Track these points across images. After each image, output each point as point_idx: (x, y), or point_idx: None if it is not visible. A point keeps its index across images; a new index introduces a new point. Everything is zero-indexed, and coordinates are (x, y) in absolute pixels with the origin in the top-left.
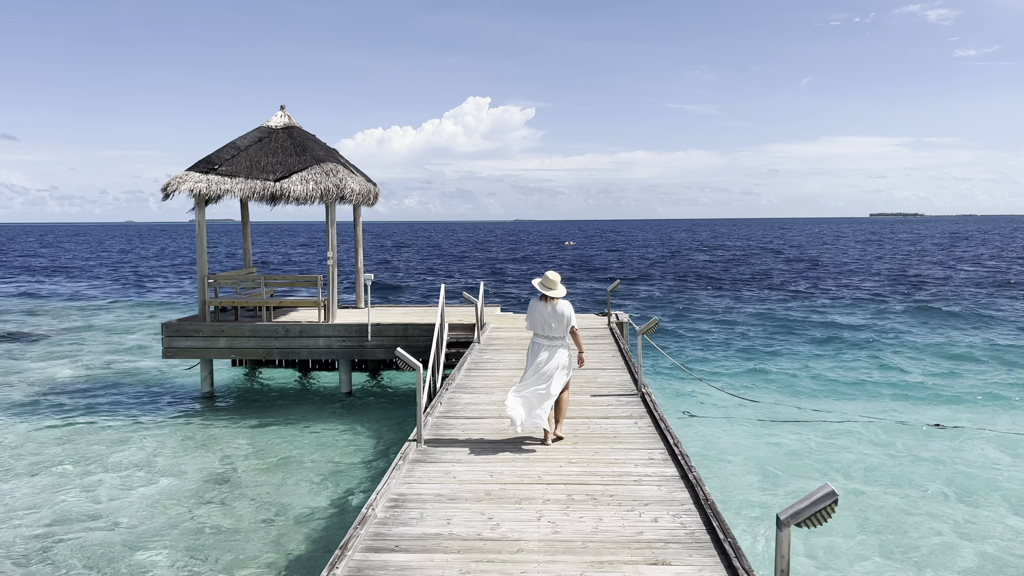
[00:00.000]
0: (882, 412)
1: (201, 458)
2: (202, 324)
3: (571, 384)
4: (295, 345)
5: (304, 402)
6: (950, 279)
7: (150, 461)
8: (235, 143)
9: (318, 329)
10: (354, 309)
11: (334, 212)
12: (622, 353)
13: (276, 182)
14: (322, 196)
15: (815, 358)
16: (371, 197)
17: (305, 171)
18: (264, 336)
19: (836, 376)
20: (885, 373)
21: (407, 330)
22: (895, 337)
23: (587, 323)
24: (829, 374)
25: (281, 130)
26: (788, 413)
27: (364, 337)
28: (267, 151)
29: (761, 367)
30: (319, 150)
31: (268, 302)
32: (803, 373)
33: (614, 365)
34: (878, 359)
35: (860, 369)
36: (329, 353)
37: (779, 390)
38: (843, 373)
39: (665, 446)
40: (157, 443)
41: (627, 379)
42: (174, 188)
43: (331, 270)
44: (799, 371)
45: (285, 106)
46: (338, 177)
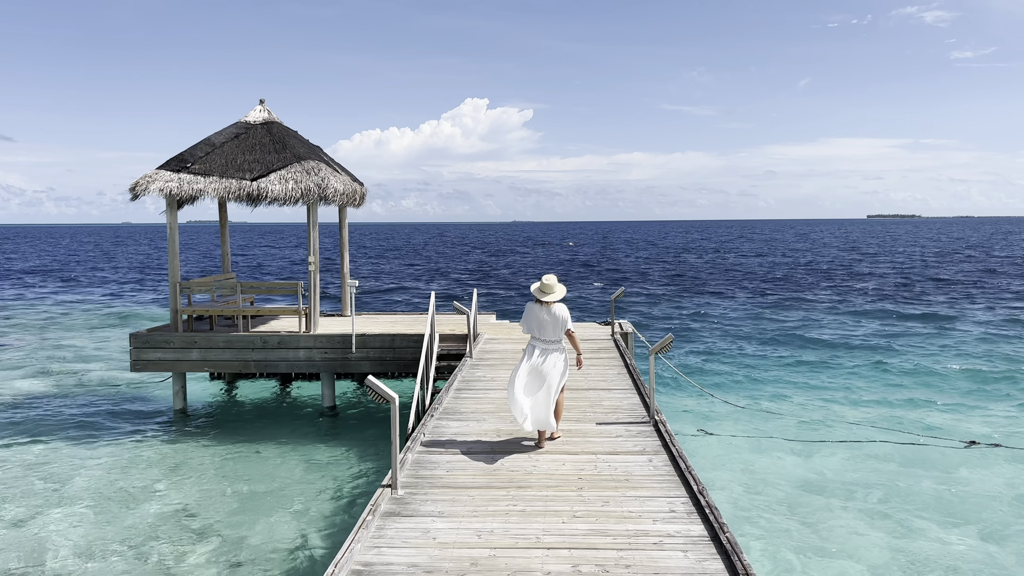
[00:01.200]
0: (909, 426)
1: (161, 488)
2: (173, 335)
3: (575, 408)
4: (273, 357)
5: (284, 419)
6: (981, 283)
7: (105, 490)
8: (210, 139)
9: (298, 340)
10: (340, 317)
11: (316, 214)
12: (629, 370)
13: (253, 181)
14: (303, 196)
15: (831, 368)
16: (357, 198)
17: (284, 169)
18: (240, 347)
19: (854, 386)
20: (907, 383)
21: (394, 341)
22: (915, 344)
23: (588, 333)
24: (847, 384)
25: (259, 126)
26: (808, 431)
27: (348, 349)
28: (244, 148)
29: (770, 377)
30: (300, 147)
31: (244, 311)
32: (820, 384)
33: (620, 384)
34: (898, 367)
35: (880, 379)
36: (310, 366)
37: (793, 403)
38: (862, 383)
39: (688, 493)
40: (116, 469)
41: (636, 402)
42: (142, 188)
43: (312, 276)
44: (815, 382)
45: (265, 100)
46: (320, 176)
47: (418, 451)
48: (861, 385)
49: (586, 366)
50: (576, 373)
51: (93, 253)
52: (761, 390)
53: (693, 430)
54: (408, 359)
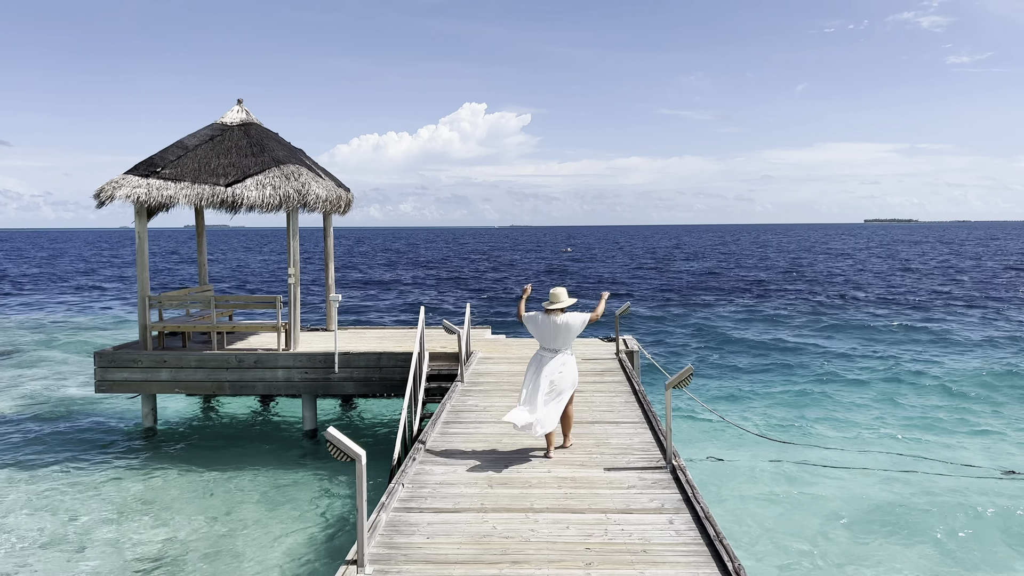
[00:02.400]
0: (938, 452)
1: (120, 522)
2: (141, 353)
3: (580, 447)
4: (249, 377)
5: (262, 442)
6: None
7: (55, 524)
8: (182, 142)
9: (276, 359)
10: (325, 332)
11: (296, 222)
12: (637, 397)
13: (228, 187)
14: (281, 203)
15: (845, 385)
16: (342, 204)
17: (262, 174)
18: (213, 367)
19: (874, 407)
20: (931, 403)
21: (380, 360)
22: (933, 359)
23: (590, 352)
24: (864, 404)
25: (236, 127)
26: (831, 456)
27: (330, 368)
28: (219, 151)
29: (778, 395)
30: (280, 150)
31: (219, 326)
32: (836, 402)
33: (629, 416)
34: (919, 385)
35: (900, 399)
36: (289, 387)
37: (807, 424)
38: (882, 405)
39: (720, 570)
40: (72, 499)
41: (648, 439)
42: (108, 194)
43: (293, 289)
44: (830, 401)
45: (242, 100)
46: (300, 181)
47: (395, 508)
48: (881, 407)
49: (590, 392)
50: (580, 401)
51: (76, 259)
52: (770, 411)
53: (702, 455)
54: (396, 379)
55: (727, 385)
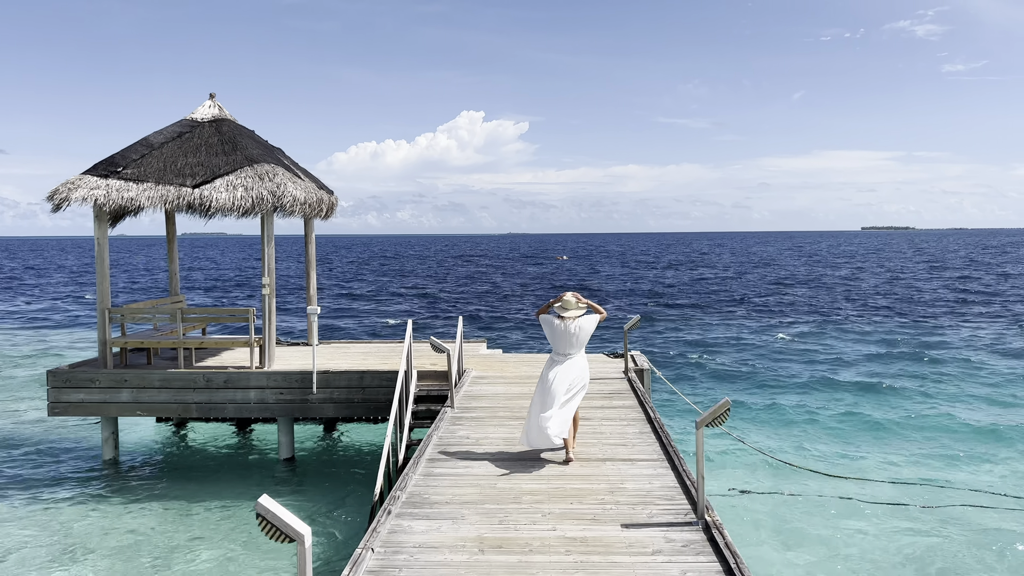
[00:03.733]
0: (974, 483)
1: (70, 563)
2: (99, 371)
3: (590, 494)
4: (219, 399)
5: (235, 471)
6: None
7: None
8: (148, 139)
9: (248, 378)
10: (306, 346)
11: (271, 227)
12: (653, 426)
13: (195, 188)
14: (254, 206)
15: (870, 402)
16: (324, 208)
17: (233, 174)
18: (179, 387)
19: (902, 428)
20: (963, 422)
21: (363, 379)
22: (966, 375)
23: (595, 370)
24: (890, 423)
25: (208, 124)
26: (866, 489)
27: (308, 388)
28: (187, 149)
29: (809, 415)
30: (253, 148)
31: (186, 342)
32: (861, 423)
33: (646, 451)
34: (947, 405)
35: (928, 420)
36: (263, 409)
37: (833, 450)
38: (909, 428)
39: None
40: (18, 537)
41: (671, 482)
42: (63, 196)
43: (267, 300)
44: (853, 419)
45: (215, 95)
46: (275, 182)
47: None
48: (909, 428)
49: (598, 420)
50: (588, 431)
51: (59, 267)
52: (788, 434)
53: (722, 486)
54: (381, 400)
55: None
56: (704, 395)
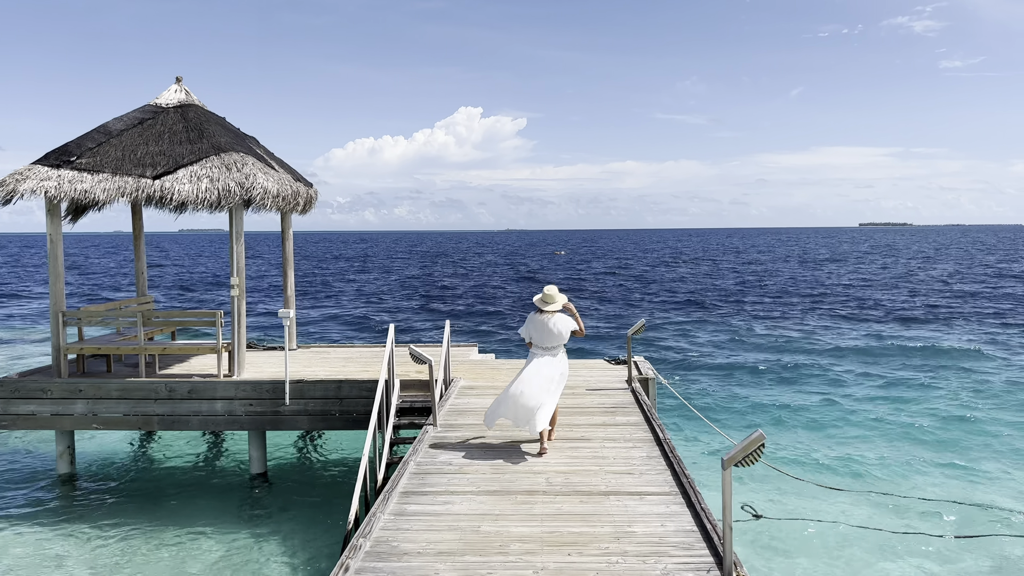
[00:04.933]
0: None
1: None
2: (52, 381)
3: (593, 541)
4: (183, 410)
5: (200, 491)
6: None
7: None
8: (106, 126)
9: (214, 388)
10: (283, 351)
11: (240, 222)
12: (662, 448)
13: (155, 179)
14: (220, 199)
15: (901, 413)
16: (300, 201)
17: (198, 164)
18: (139, 397)
19: (935, 446)
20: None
21: (341, 389)
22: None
23: (596, 378)
24: (919, 441)
25: (173, 110)
26: (906, 518)
27: (280, 399)
28: (149, 137)
29: (819, 421)
30: (222, 136)
31: (148, 348)
32: (901, 434)
33: (655, 481)
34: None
35: (959, 438)
36: (231, 422)
37: (862, 464)
38: (944, 448)
39: None
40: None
41: (687, 524)
42: (9, 188)
43: (236, 302)
44: (881, 431)
45: (182, 79)
46: (243, 173)
47: None
48: (945, 445)
49: (600, 440)
50: (588, 457)
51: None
52: (811, 446)
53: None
54: (360, 412)
55: (738, 407)
56: (702, 399)
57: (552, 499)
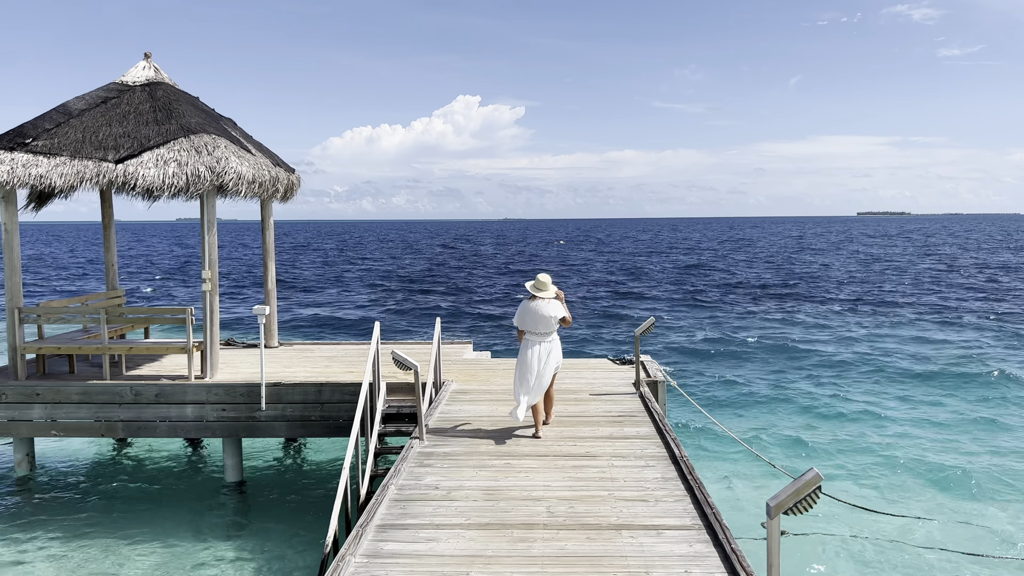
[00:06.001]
0: None
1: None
2: (7, 384)
3: None
4: (149, 416)
5: (171, 500)
6: None
7: None
8: (66, 106)
9: (184, 391)
10: (265, 348)
11: (212, 210)
12: (679, 468)
13: (118, 164)
14: (189, 185)
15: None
16: (280, 188)
17: (164, 147)
18: (102, 402)
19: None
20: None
21: (322, 393)
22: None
23: (599, 380)
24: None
25: (140, 88)
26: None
27: (255, 404)
28: (112, 118)
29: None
30: (192, 117)
31: (112, 347)
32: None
33: (675, 512)
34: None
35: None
36: (201, 428)
37: (896, 481)
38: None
39: None
40: None
41: (715, 567)
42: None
43: (208, 298)
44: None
45: (151, 55)
46: (215, 156)
47: None
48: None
49: (608, 455)
50: (595, 479)
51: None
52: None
53: (748, 518)
54: (343, 418)
55: (751, 414)
56: (705, 396)
57: (554, 534)
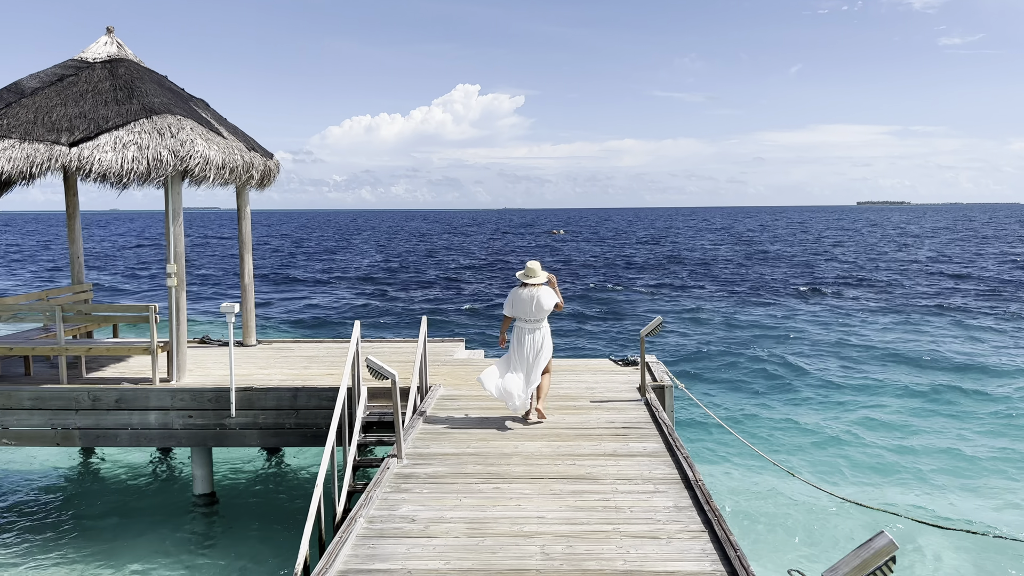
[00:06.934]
0: None
1: None
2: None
3: None
4: (108, 423)
5: (133, 513)
6: None
7: None
8: (19, 84)
9: (147, 397)
10: (240, 347)
11: (177, 198)
12: (693, 493)
13: (71, 147)
14: (150, 170)
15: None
16: (255, 175)
17: (124, 129)
18: (56, 407)
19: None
20: None
21: (297, 399)
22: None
23: (600, 387)
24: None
25: (100, 65)
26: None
27: (225, 410)
28: (68, 97)
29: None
30: (157, 96)
31: (71, 348)
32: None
33: (692, 552)
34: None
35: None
36: (166, 437)
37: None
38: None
39: None
40: None
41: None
42: None
43: (175, 294)
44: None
45: (113, 29)
46: (178, 139)
47: None
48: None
49: (612, 477)
50: (598, 507)
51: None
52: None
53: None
54: (321, 426)
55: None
56: (710, 397)
57: None
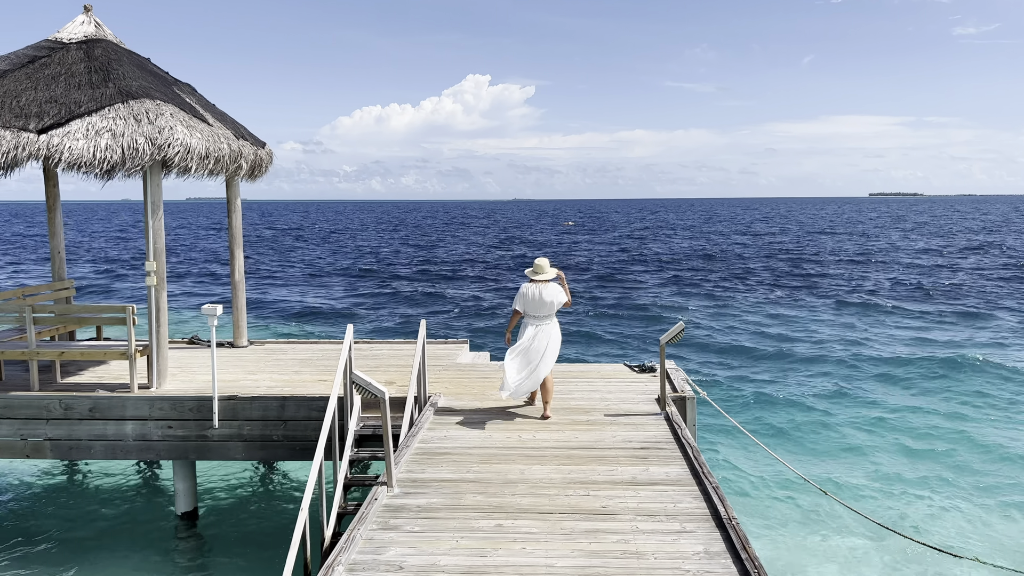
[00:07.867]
0: None
1: None
2: None
3: None
4: (82, 434)
5: (113, 532)
6: None
7: None
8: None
9: (123, 405)
10: (228, 348)
11: (157, 189)
12: (726, 533)
13: (40, 134)
14: (125, 159)
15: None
16: (244, 164)
17: (98, 114)
18: (25, 417)
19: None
20: None
21: (284, 409)
22: None
23: (614, 398)
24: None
25: (75, 46)
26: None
27: (207, 420)
28: (39, 80)
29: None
30: (135, 79)
31: (42, 351)
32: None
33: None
34: None
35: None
36: (144, 450)
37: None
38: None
39: None
40: None
41: None
42: None
43: (154, 293)
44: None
45: (91, 8)
46: (156, 126)
47: None
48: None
49: (631, 512)
50: (615, 552)
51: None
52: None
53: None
54: (308, 440)
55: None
56: (728, 402)
57: None
